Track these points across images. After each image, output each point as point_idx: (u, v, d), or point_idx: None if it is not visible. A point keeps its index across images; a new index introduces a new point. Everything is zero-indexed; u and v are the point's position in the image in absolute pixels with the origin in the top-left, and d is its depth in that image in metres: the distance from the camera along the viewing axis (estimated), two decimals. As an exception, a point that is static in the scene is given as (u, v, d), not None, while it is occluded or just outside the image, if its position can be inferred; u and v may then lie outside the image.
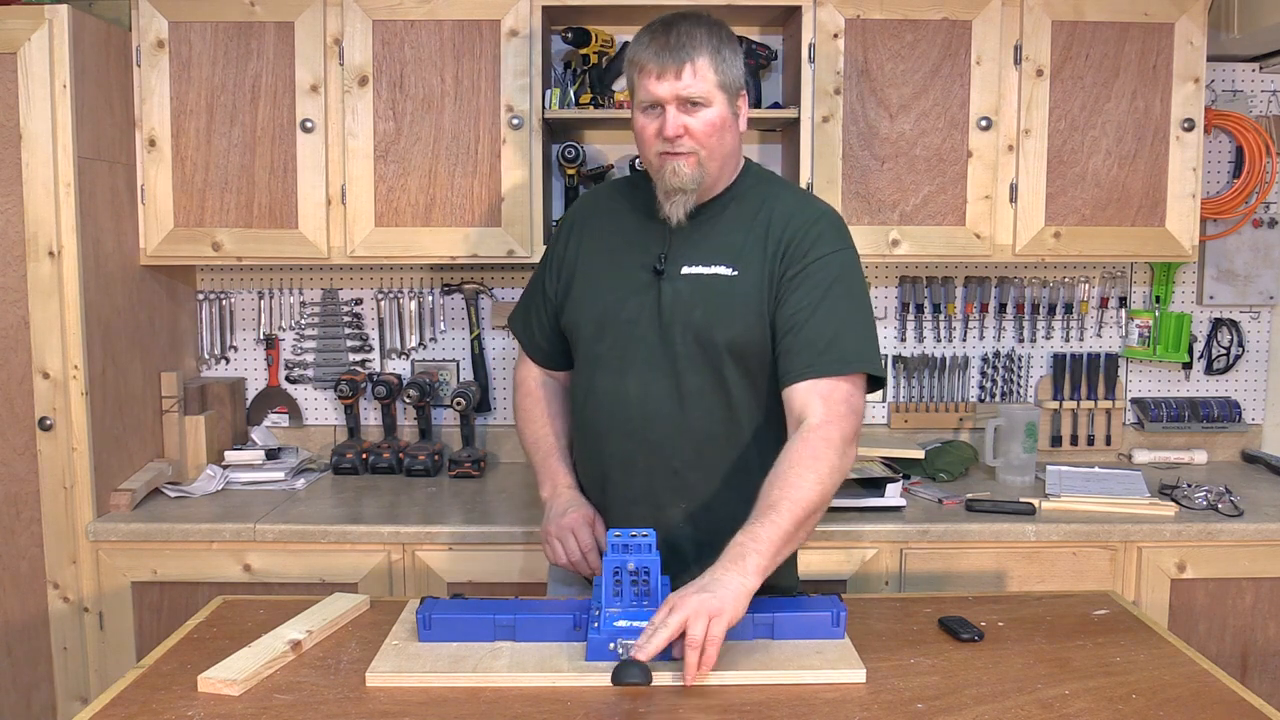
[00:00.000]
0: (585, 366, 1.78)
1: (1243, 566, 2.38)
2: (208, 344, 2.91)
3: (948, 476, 2.69)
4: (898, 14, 2.52)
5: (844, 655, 1.49)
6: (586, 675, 1.43)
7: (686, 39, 1.61)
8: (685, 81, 1.60)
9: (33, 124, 2.27)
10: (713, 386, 1.69)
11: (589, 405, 1.77)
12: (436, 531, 2.33)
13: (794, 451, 1.55)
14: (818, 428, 1.56)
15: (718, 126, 1.63)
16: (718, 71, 1.62)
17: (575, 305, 1.78)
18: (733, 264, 1.68)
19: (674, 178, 1.64)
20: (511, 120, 2.52)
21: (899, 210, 2.57)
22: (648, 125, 1.65)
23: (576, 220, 1.85)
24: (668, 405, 1.70)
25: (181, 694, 1.41)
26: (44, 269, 2.30)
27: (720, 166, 1.69)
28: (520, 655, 1.49)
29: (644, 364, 1.70)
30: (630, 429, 1.72)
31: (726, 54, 1.64)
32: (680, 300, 1.68)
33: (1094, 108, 2.56)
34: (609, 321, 1.73)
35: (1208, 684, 1.44)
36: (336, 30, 2.51)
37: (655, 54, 1.61)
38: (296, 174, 2.54)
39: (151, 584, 2.38)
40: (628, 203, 1.80)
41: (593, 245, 1.80)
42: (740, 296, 1.67)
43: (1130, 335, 2.95)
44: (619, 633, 1.45)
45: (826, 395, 1.59)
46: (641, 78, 1.63)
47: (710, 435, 1.71)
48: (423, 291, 2.92)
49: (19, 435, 2.34)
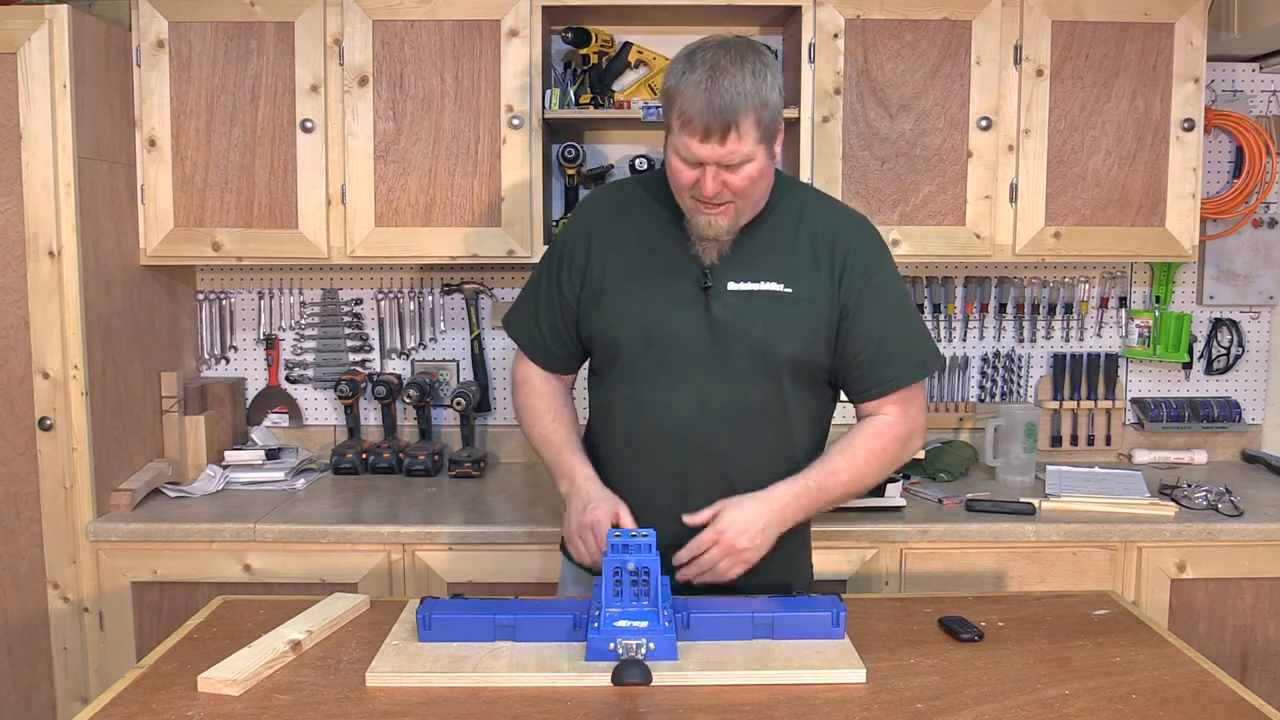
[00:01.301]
0: (624, 380, 1.74)
1: (1243, 566, 2.38)
2: (208, 344, 2.91)
3: (948, 476, 2.69)
4: (898, 14, 2.52)
5: (844, 655, 1.49)
6: (586, 675, 1.43)
7: (732, 94, 1.53)
8: (729, 148, 1.56)
9: (33, 124, 2.27)
10: (772, 400, 1.71)
11: (634, 419, 1.74)
12: (436, 531, 2.33)
13: (865, 438, 1.73)
14: (892, 425, 1.75)
15: (755, 179, 1.61)
16: (759, 126, 1.57)
17: (612, 318, 1.73)
18: (785, 281, 1.69)
19: (709, 230, 1.64)
20: (511, 120, 2.52)
21: (899, 210, 2.57)
22: (684, 172, 1.61)
23: (592, 225, 1.79)
24: (726, 420, 1.70)
25: (181, 694, 1.41)
26: (44, 269, 2.30)
27: (756, 208, 1.69)
28: (520, 655, 1.48)
29: (697, 379, 1.69)
30: (687, 443, 1.70)
31: (769, 99, 1.58)
32: (735, 316, 1.68)
33: (1094, 108, 2.56)
34: (655, 336, 1.70)
35: (1208, 684, 1.44)
36: (336, 30, 2.51)
37: (700, 112, 1.54)
38: (296, 174, 2.54)
39: (151, 584, 2.38)
40: (649, 209, 1.77)
41: (620, 254, 1.75)
42: (801, 313, 1.69)
43: (1130, 335, 2.95)
44: (619, 633, 1.45)
45: (901, 400, 1.75)
46: (683, 132, 1.57)
47: (767, 448, 1.73)
48: (423, 291, 2.92)
49: (19, 435, 2.34)
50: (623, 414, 1.76)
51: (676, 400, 1.70)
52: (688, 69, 1.57)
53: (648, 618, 1.46)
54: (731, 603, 1.58)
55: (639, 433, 1.74)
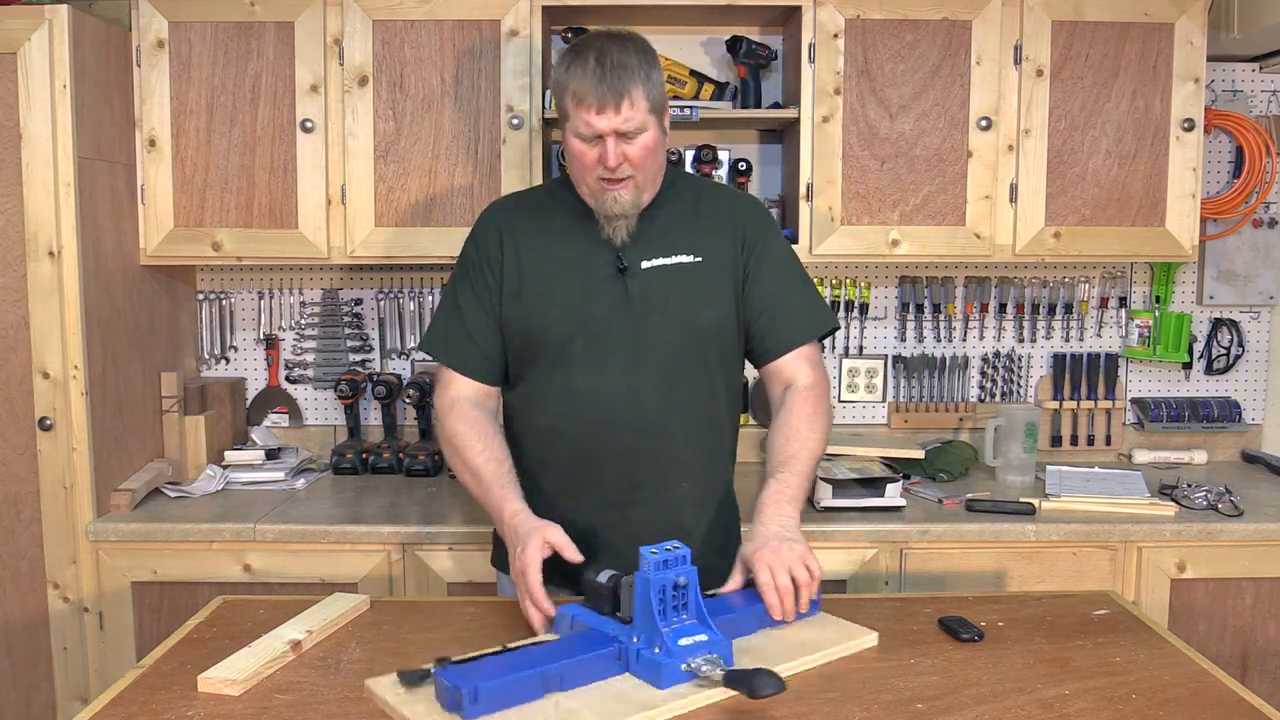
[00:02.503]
0: (553, 369, 1.78)
1: (1243, 566, 2.38)
2: (208, 344, 2.91)
3: (948, 476, 2.69)
4: (898, 14, 2.52)
5: (843, 627, 1.57)
6: (684, 700, 1.35)
7: (621, 70, 1.66)
8: (624, 115, 1.67)
9: (33, 124, 2.27)
10: (697, 369, 1.80)
11: (569, 405, 1.78)
12: (436, 531, 2.33)
13: (799, 408, 1.78)
14: (812, 387, 1.81)
15: (652, 149, 1.72)
16: (648, 98, 1.69)
17: (535, 310, 1.78)
18: (694, 252, 1.80)
19: (615, 205, 1.73)
20: (511, 120, 2.52)
21: (899, 210, 2.57)
22: (586, 152, 1.71)
23: (501, 225, 1.84)
24: (659, 394, 1.77)
25: (181, 694, 1.41)
26: (44, 269, 2.30)
27: (654, 184, 1.79)
28: (594, 702, 1.35)
29: (624, 358, 1.76)
30: (626, 421, 1.77)
31: (653, 75, 1.71)
32: (652, 291, 1.77)
33: (1094, 108, 2.56)
34: (580, 322, 1.76)
35: (1208, 684, 1.44)
36: (336, 30, 2.51)
37: (593, 87, 1.66)
38: (296, 174, 2.54)
39: (151, 584, 2.38)
40: (553, 207, 1.85)
41: (535, 252, 1.81)
42: (713, 279, 1.80)
43: (1130, 335, 2.95)
44: (686, 652, 1.40)
45: (811, 359, 1.84)
46: (579, 110, 1.68)
47: (699, 413, 1.82)
48: (423, 291, 2.92)
49: (19, 435, 2.34)
50: (555, 404, 1.79)
51: (610, 382, 1.76)
52: (574, 60, 1.70)
53: (701, 630, 1.43)
54: (724, 601, 1.59)
55: (574, 418, 1.78)
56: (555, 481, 1.82)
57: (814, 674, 1.46)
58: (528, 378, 1.82)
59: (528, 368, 1.82)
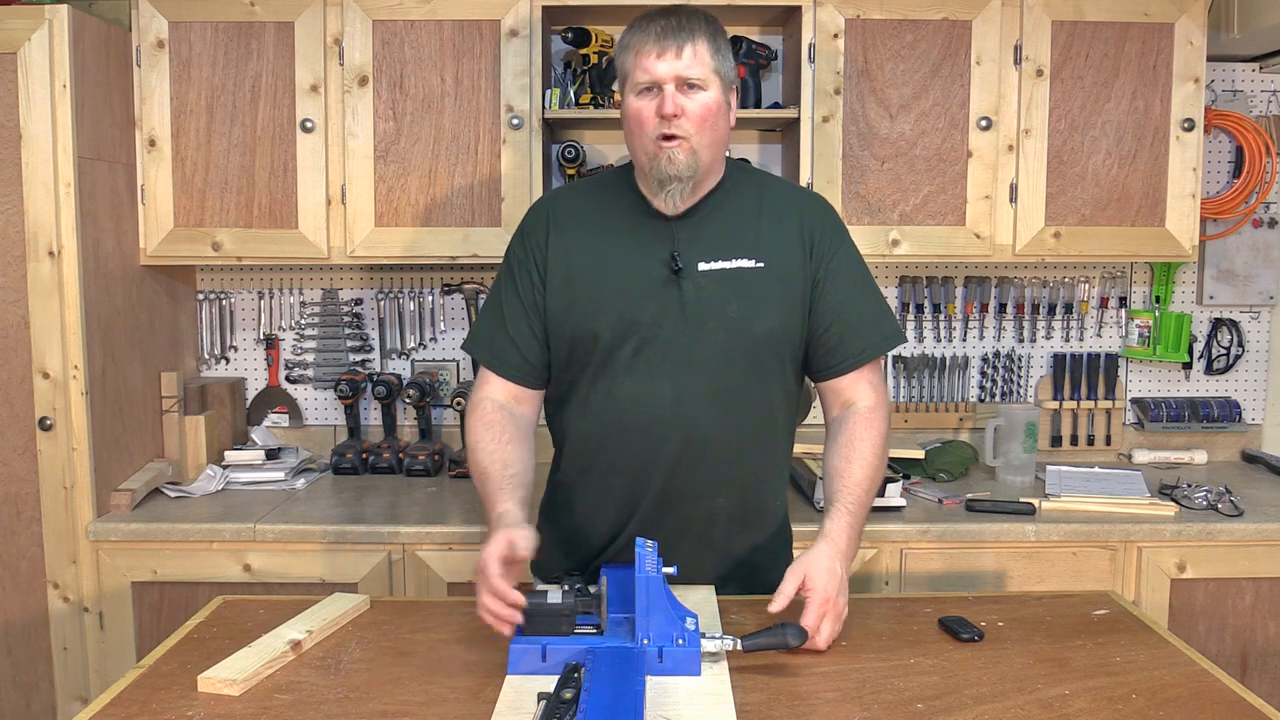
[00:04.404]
0: (598, 375, 1.69)
1: (1242, 566, 2.38)
2: (208, 344, 2.91)
3: (948, 476, 2.69)
4: (898, 14, 2.52)
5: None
6: (718, 678, 1.40)
7: (687, 23, 1.61)
8: (686, 61, 1.59)
9: (33, 124, 2.27)
10: (752, 380, 1.69)
11: (613, 412, 1.69)
12: (436, 531, 2.33)
13: (860, 429, 1.70)
14: (875, 409, 1.72)
15: (713, 111, 1.62)
16: (715, 58, 1.62)
17: (583, 312, 1.68)
18: (755, 256, 1.68)
19: (670, 165, 1.61)
20: (511, 120, 2.52)
21: (899, 210, 2.57)
22: (644, 108, 1.62)
23: (550, 218, 1.74)
24: (708, 404, 1.67)
25: (181, 694, 1.40)
26: (44, 269, 2.30)
27: (712, 158, 1.67)
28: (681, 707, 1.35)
29: (676, 366, 1.66)
30: (670, 433, 1.67)
31: (722, 46, 1.65)
32: (708, 296, 1.66)
33: (1094, 108, 2.56)
34: (631, 325, 1.66)
35: (1208, 684, 1.44)
36: (336, 30, 2.51)
37: (656, 36, 1.60)
38: (296, 174, 2.54)
39: (151, 584, 2.38)
40: (609, 202, 1.75)
41: (585, 247, 1.71)
42: (775, 287, 1.68)
43: (1130, 335, 2.95)
44: (697, 635, 1.43)
45: (872, 380, 1.74)
46: (639, 59, 1.61)
47: (750, 428, 1.72)
48: (423, 291, 2.92)
49: (19, 435, 2.34)
50: (598, 410, 1.70)
51: (658, 390, 1.66)
52: (639, 21, 1.65)
53: (686, 613, 1.44)
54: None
55: (617, 427, 1.69)
56: (596, 488, 1.74)
57: (814, 674, 1.46)
58: (572, 381, 1.73)
59: (574, 370, 1.72)
